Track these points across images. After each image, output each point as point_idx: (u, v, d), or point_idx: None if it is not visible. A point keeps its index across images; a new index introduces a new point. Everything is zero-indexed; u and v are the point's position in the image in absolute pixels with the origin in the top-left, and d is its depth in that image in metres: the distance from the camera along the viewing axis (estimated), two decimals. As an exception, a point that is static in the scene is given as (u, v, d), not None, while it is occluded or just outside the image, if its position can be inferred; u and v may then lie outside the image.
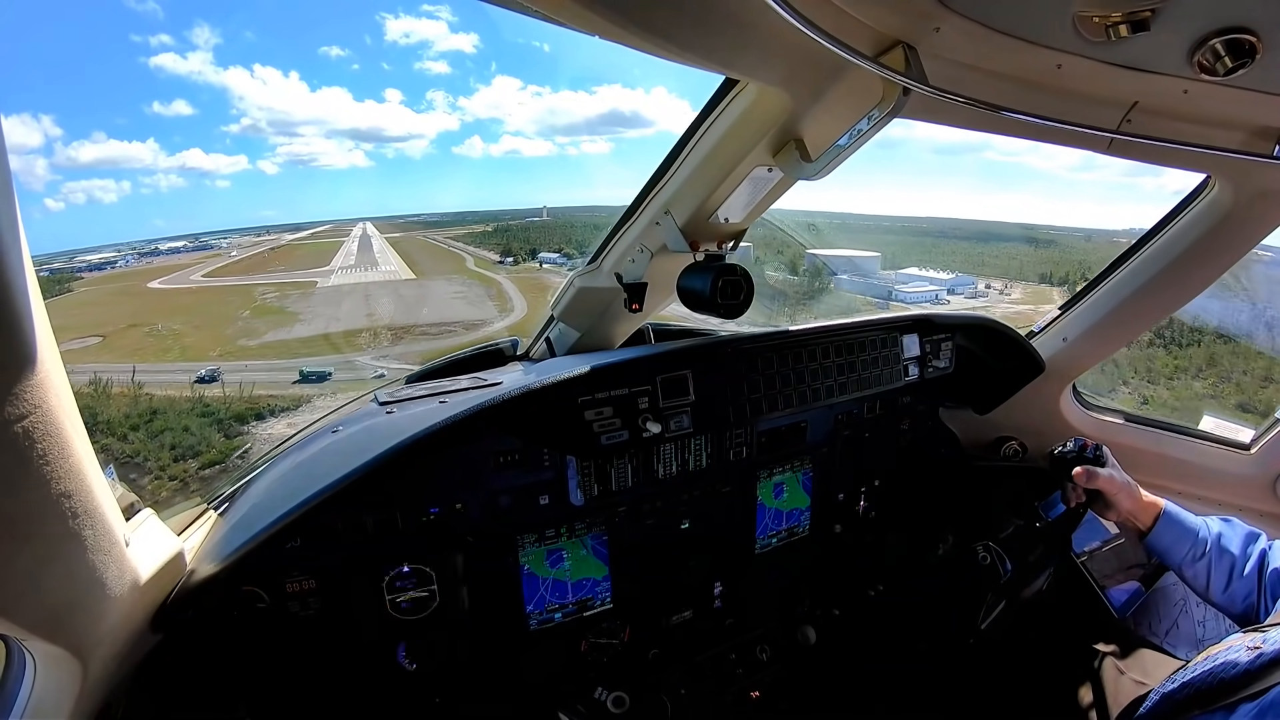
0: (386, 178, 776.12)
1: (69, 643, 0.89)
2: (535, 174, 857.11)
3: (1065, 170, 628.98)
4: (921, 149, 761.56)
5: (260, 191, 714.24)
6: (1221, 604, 1.39)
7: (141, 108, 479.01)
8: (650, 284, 1.67)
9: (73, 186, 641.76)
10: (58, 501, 0.75)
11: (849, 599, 2.06)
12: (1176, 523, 1.46)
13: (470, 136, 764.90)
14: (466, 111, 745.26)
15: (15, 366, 0.65)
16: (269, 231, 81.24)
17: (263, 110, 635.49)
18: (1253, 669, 1.02)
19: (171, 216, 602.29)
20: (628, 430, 1.50)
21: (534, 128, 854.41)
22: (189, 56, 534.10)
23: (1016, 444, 2.22)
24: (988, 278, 31.79)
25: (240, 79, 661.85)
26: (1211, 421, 2.13)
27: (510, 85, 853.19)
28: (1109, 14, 0.81)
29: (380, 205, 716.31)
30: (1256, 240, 1.60)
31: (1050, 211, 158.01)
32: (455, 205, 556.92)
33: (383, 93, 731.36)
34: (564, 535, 1.59)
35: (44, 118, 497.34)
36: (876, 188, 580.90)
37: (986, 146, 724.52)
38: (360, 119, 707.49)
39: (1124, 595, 1.93)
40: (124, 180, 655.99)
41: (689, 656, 1.81)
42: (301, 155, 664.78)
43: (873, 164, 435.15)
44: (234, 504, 1.50)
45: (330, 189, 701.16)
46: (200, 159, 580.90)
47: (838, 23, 0.85)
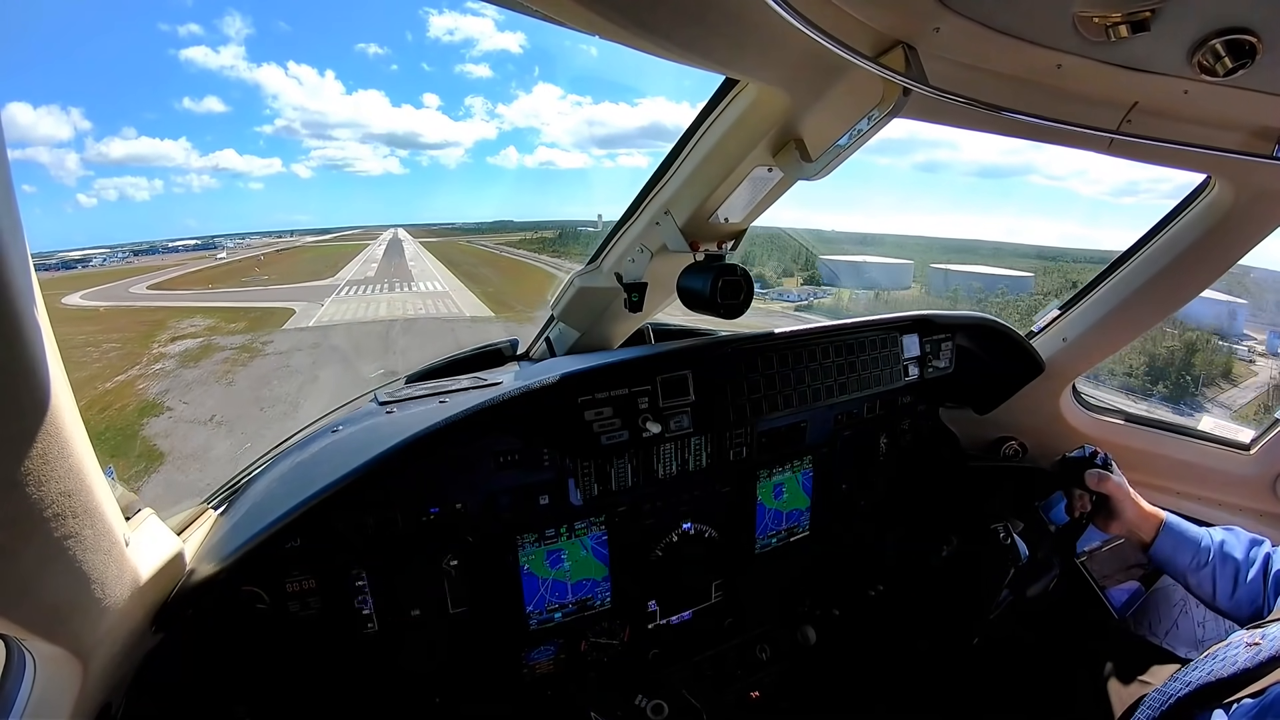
0: (420, 187, 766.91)
1: (69, 643, 0.89)
2: (569, 186, 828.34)
3: (1109, 195, 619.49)
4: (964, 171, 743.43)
5: (294, 195, 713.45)
6: (1228, 610, 1.38)
7: (172, 103, 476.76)
8: (650, 284, 1.67)
9: (104, 183, 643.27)
10: (58, 501, 0.75)
11: (849, 599, 2.06)
12: (1178, 533, 1.46)
13: (506, 146, 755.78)
14: (505, 120, 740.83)
15: (15, 367, 0.65)
16: (293, 234, 76.04)
17: (297, 111, 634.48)
18: (1251, 667, 1.02)
19: (204, 217, 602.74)
20: (628, 430, 1.50)
21: (570, 139, 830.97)
22: (220, 50, 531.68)
23: (1016, 444, 2.22)
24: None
25: (274, 76, 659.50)
26: (1211, 422, 2.14)
27: (551, 93, 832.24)
28: (1109, 14, 0.81)
29: (413, 213, 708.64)
30: (1256, 240, 1.60)
31: (1090, 235, 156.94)
32: (488, 216, 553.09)
33: (421, 97, 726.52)
34: (564, 535, 1.59)
35: (72, 110, 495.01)
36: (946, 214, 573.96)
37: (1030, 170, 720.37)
38: (397, 123, 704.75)
39: (1124, 595, 1.93)
40: (156, 179, 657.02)
41: (689, 656, 1.81)
42: (336, 160, 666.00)
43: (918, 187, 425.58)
44: (234, 504, 1.51)
45: (364, 195, 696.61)
46: (234, 160, 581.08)
47: (838, 23, 0.85)
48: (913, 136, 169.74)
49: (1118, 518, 1.53)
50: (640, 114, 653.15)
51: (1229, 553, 1.39)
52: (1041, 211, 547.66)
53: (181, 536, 1.25)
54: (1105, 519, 1.56)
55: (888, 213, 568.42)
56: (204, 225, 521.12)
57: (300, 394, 19.47)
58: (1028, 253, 35.71)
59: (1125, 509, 1.51)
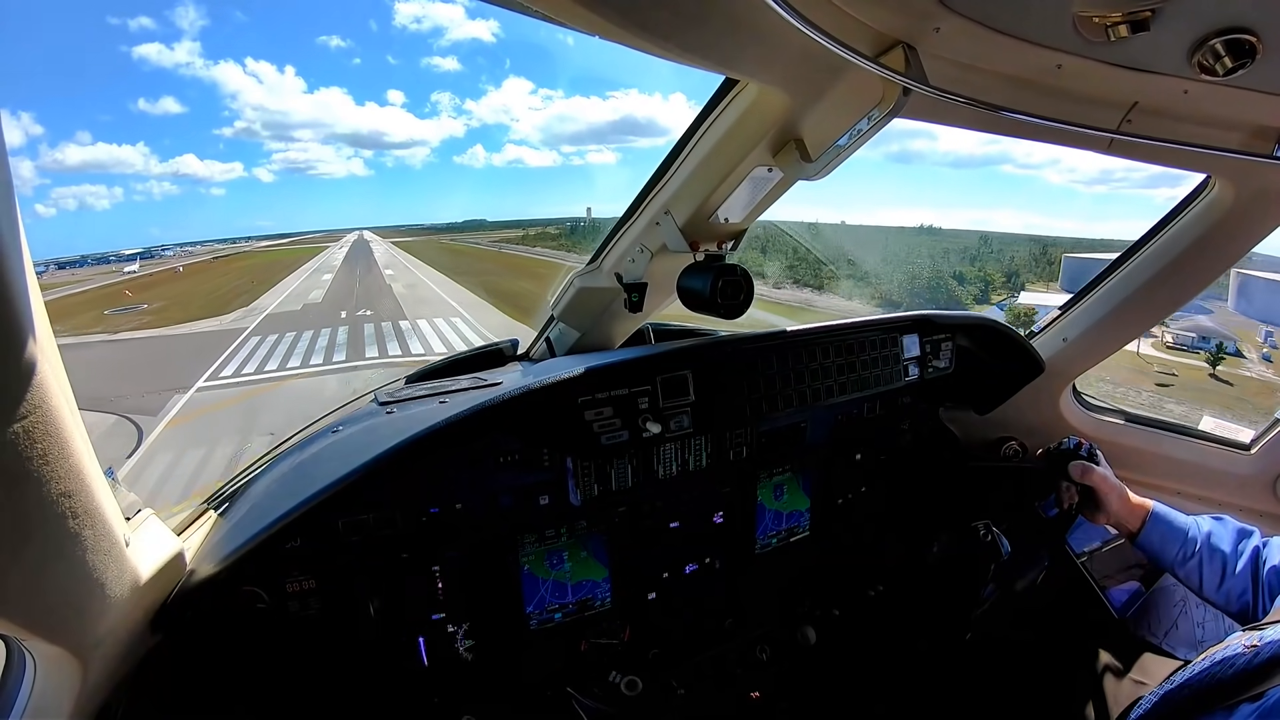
0: (386, 188, 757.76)
1: (69, 643, 0.89)
2: (539, 184, 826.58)
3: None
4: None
5: (256, 200, 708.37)
6: (1217, 601, 1.39)
7: (126, 104, 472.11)
8: (650, 284, 1.67)
9: (63, 192, 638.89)
10: (58, 501, 0.75)
11: (849, 599, 2.06)
12: (1165, 523, 1.46)
13: (474, 145, 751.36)
14: (473, 116, 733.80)
15: (15, 367, 0.65)
16: (249, 240, 72.31)
17: (257, 111, 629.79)
18: (1250, 669, 1.01)
19: (167, 225, 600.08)
20: (628, 430, 1.50)
21: (539, 135, 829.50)
22: (174, 47, 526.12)
23: (1016, 444, 2.22)
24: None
25: (232, 74, 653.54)
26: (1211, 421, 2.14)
27: (522, 87, 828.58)
28: (1109, 14, 0.81)
29: (380, 216, 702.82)
30: (1256, 240, 1.60)
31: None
32: (458, 216, 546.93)
33: (385, 94, 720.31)
34: (564, 535, 1.59)
35: (22, 114, 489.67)
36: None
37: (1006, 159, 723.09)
38: (361, 122, 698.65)
39: (1124, 595, 1.93)
40: (116, 186, 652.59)
41: (689, 656, 1.81)
42: (298, 163, 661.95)
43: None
44: (234, 504, 1.51)
45: (328, 198, 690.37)
46: (194, 165, 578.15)
47: (838, 23, 0.85)
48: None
49: (1104, 509, 1.52)
50: (611, 108, 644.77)
51: (1216, 545, 1.39)
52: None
53: (181, 537, 1.25)
54: (1093, 511, 1.56)
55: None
56: (167, 233, 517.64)
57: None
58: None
59: (1111, 500, 1.50)
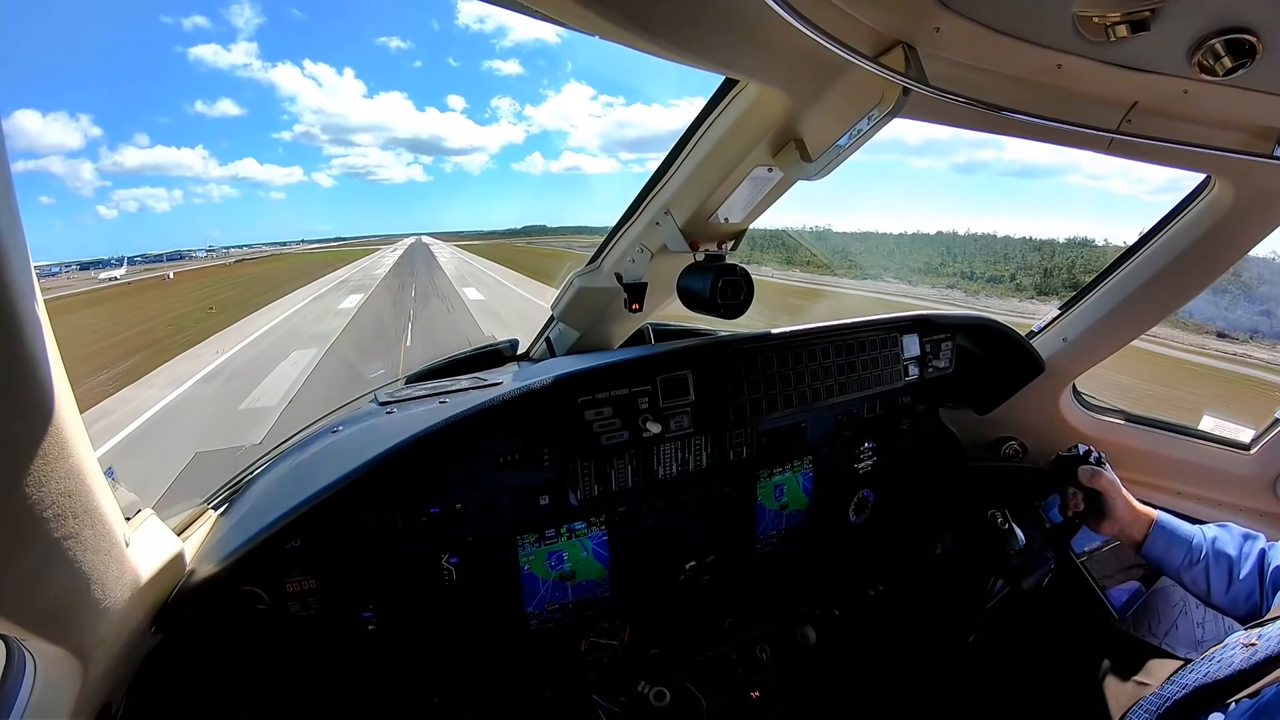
0: (444, 194, 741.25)
1: (69, 643, 0.89)
2: (596, 191, 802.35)
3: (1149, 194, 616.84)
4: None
5: (317, 205, 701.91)
6: (1224, 607, 1.39)
7: (184, 106, 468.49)
8: (650, 284, 1.67)
9: (123, 194, 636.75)
10: (58, 501, 0.75)
11: (849, 599, 2.06)
12: (1169, 531, 1.47)
13: (532, 152, 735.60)
14: (533, 122, 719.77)
15: (16, 367, 0.65)
16: (300, 244, 70.39)
17: (316, 114, 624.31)
18: (1248, 668, 1.02)
19: (227, 227, 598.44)
20: (628, 430, 1.50)
21: (598, 142, 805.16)
22: (231, 48, 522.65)
23: (1016, 444, 2.22)
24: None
25: (290, 76, 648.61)
26: (1212, 422, 2.14)
27: (583, 93, 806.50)
28: (1109, 14, 0.81)
29: (439, 222, 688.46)
30: (1256, 240, 1.60)
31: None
32: (516, 222, 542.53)
33: (446, 99, 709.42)
34: (564, 536, 1.59)
35: (81, 116, 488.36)
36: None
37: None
38: (421, 127, 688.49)
39: (1124, 595, 1.93)
40: (175, 189, 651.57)
41: (689, 656, 1.81)
42: (358, 168, 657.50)
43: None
44: (234, 504, 1.51)
45: (388, 203, 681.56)
46: (254, 169, 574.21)
47: (838, 23, 0.85)
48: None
49: (1110, 516, 1.53)
50: (674, 116, 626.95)
51: (1222, 549, 1.40)
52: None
53: (182, 537, 1.25)
54: (1097, 519, 1.57)
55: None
56: (228, 236, 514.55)
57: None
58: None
59: (1117, 507, 1.52)
